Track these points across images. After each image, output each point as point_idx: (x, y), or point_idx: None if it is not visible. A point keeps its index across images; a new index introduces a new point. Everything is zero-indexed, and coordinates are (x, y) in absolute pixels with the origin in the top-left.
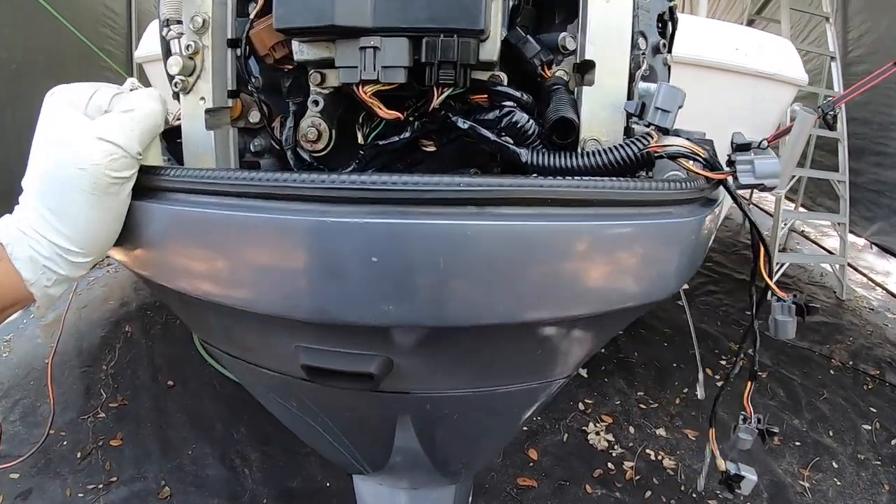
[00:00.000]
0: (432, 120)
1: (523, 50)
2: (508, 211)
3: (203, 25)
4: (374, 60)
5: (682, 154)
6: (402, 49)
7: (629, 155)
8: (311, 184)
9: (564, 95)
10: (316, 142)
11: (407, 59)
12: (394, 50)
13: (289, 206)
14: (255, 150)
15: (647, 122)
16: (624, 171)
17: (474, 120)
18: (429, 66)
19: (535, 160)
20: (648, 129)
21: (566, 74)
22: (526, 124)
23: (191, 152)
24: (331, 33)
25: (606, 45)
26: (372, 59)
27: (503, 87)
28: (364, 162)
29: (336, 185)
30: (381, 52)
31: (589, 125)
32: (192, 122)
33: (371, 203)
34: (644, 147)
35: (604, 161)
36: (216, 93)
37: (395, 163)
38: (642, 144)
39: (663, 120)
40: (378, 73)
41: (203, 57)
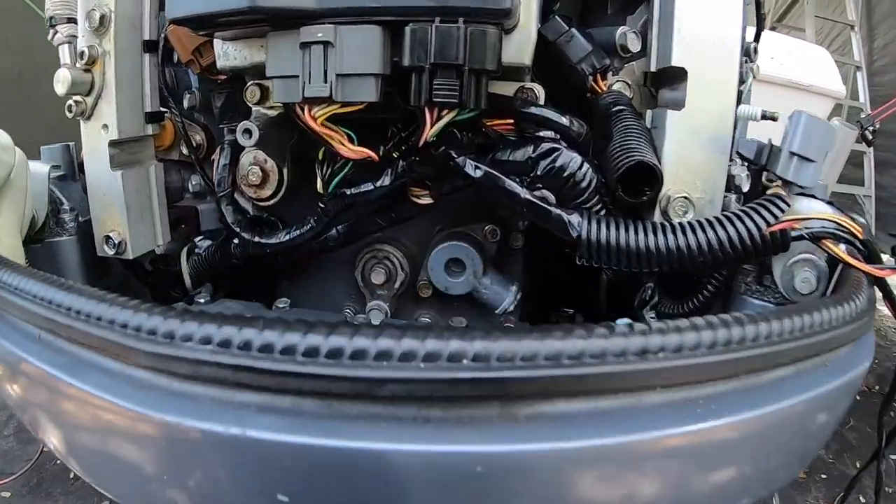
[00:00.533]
0: (425, 160)
1: (566, 50)
2: (578, 410)
3: (102, 24)
4: (323, 65)
5: (833, 234)
6: (372, 44)
7: (752, 233)
8: (140, 336)
9: (633, 123)
10: (260, 186)
11: (379, 60)
12: (358, 46)
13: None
14: (195, 189)
15: (775, 173)
16: (739, 259)
17: (492, 162)
18: (416, 73)
19: (597, 235)
20: (776, 187)
21: (627, 88)
22: (578, 172)
23: (95, 200)
24: (255, 22)
25: (706, 44)
26: (321, 64)
27: (540, 107)
28: (324, 220)
29: (175, 350)
30: (338, 51)
31: (675, 173)
32: (93, 159)
33: (264, 391)
34: (778, 219)
35: (714, 242)
36: (124, 118)
37: (374, 220)
38: (773, 215)
39: (802, 174)
40: (332, 85)
41: (104, 68)
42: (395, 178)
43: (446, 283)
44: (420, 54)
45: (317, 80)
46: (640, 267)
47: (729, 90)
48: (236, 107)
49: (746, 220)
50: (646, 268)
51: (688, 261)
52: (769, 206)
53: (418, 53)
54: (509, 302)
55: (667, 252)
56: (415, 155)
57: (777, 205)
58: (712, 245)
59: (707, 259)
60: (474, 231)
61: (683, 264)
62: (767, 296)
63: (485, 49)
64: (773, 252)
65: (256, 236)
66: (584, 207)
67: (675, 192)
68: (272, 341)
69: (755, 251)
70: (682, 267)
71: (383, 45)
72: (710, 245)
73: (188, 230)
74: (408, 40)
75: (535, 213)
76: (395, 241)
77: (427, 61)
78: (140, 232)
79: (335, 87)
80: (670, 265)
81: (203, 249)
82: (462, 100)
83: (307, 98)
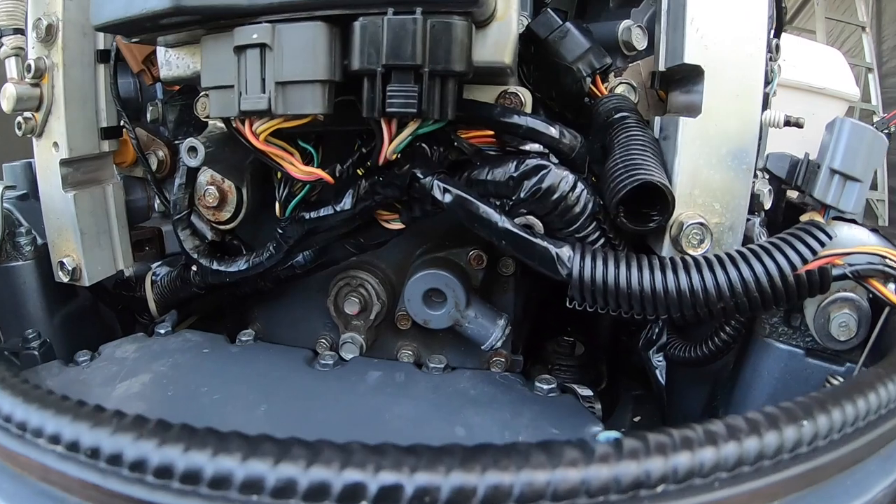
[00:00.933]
0: (389, 181)
1: (559, 48)
2: None
3: (50, 33)
4: (261, 71)
5: (881, 271)
6: (316, 44)
7: (785, 272)
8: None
9: (639, 133)
10: (217, 208)
11: (325, 64)
12: (299, 47)
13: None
14: (162, 209)
15: (811, 196)
16: (766, 305)
17: (468, 182)
18: (367, 79)
19: (592, 273)
20: (811, 212)
21: (632, 92)
22: (570, 194)
23: (49, 223)
24: (185, 25)
25: (726, 38)
26: (258, 70)
27: (524, 115)
28: (283, 247)
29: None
30: (276, 55)
31: (689, 194)
32: (45, 180)
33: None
34: (816, 254)
35: (738, 284)
36: (76, 134)
37: (343, 245)
38: (811, 249)
39: (846, 197)
40: (271, 96)
41: (52, 81)
42: (356, 201)
43: (425, 316)
44: (371, 54)
45: (254, 91)
46: (645, 313)
47: (753, 92)
48: (191, 121)
49: (778, 255)
50: (652, 314)
51: (704, 307)
52: (806, 239)
53: (369, 53)
54: (496, 338)
55: (679, 296)
56: (377, 175)
57: (816, 236)
58: (735, 288)
59: (728, 305)
60: (458, 257)
61: (699, 311)
62: (796, 340)
63: (450, 46)
64: (808, 295)
65: (215, 263)
66: (578, 237)
67: (689, 218)
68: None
69: (787, 295)
70: (697, 314)
71: (330, 44)
72: (733, 288)
73: (152, 253)
74: (357, 38)
75: (516, 246)
76: (370, 266)
77: (379, 63)
78: (97, 257)
79: (275, 97)
80: (682, 312)
81: (160, 277)
82: (422, 109)
83: (243, 112)
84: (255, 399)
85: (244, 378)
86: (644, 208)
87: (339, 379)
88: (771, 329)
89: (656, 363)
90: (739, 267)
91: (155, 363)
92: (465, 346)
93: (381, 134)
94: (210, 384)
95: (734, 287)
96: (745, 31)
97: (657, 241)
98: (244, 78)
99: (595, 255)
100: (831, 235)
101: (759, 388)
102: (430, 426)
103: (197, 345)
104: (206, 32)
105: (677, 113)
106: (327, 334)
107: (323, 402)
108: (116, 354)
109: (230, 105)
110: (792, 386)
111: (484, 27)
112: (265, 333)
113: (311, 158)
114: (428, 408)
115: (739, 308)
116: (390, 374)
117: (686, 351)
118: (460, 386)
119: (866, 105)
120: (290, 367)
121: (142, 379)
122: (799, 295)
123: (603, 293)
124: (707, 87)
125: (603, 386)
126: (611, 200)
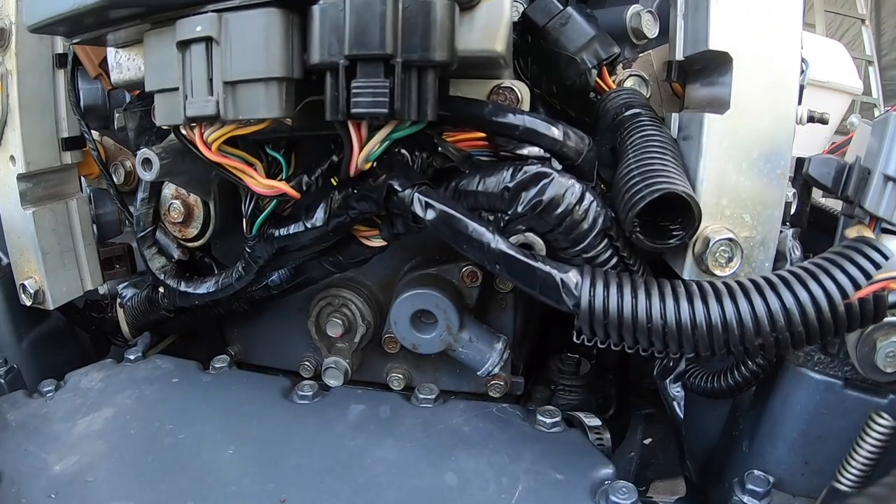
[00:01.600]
0: (364, 193)
1: (560, 36)
2: None
3: (2, 38)
4: (207, 70)
5: None
6: (270, 35)
7: (835, 300)
8: None
9: (654, 133)
10: (184, 224)
11: (280, 58)
12: (250, 40)
13: None
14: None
15: (861, 207)
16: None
17: (455, 193)
18: (330, 73)
19: (604, 303)
20: (859, 225)
21: (643, 85)
22: (576, 207)
23: (11, 243)
24: (123, 21)
25: (758, 19)
26: (204, 69)
27: (521, 114)
28: (253, 267)
29: None
30: (224, 49)
31: (715, 204)
32: (3, 196)
33: None
34: (870, 278)
35: (780, 315)
36: (34, 146)
37: (321, 263)
38: (864, 272)
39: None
40: (219, 98)
41: (6, 89)
42: (329, 216)
43: (414, 340)
44: (332, 44)
45: (200, 93)
46: (667, 350)
47: (789, 84)
48: (153, 128)
49: (825, 280)
50: (676, 351)
51: (739, 344)
52: (858, 261)
53: (330, 43)
54: (493, 363)
55: (709, 330)
56: (351, 187)
57: (870, 257)
58: (777, 321)
59: (768, 340)
60: (450, 273)
61: (734, 348)
62: (834, 369)
63: (428, 31)
64: (859, 325)
65: (183, 284)
66: (586, 258)
67: (716, 232)
68: None
69: (836, 328)
70: (730, 352)
71: (286, 35)
72: (774, 320)
73: (123, 270)
74: (316, 25)
75: (512, 271)
76: (353, 283)
77: (341, 54)
78: (60, 278)
79: (223, 100)
80: (713, 350)
81: (127, 299)
82: (395, 108)
83: (189, 118)
84: (224, 439)
85: (214, 414)
86: (662, 221)
87: (317, 414)
88: (805, 357)
89: (674, 394)
90: (781, 294)
91: (120, 395)
92: (460, 369)
93: (349, 140)
94: (176, 421)
95: (775, 319)
96: (780, 11)
97: (677, 260)
98: (189, 78)
99: (608, 280)
100: (887, 256)
101: (791, 422)
102: (417, 472)
103: (167, 373)
104: (151, 27)
105: (699, 109)
106: (311, 356)
107: (298, 443)
108: (81, 384)
109: (175, 111)
110: (827, 420)
111: (470, 9)
112: (245, 355)
113: (281, 169)
114: (415, 449)
115: (780, 344)
116: (374, 408)
117: (707, 381)
118: (452, 422)
119: (867, 98)
120: (265, 401)
121: (105, 413)
122: (849, 326)
123: (617, 327)
124: (736, 78)
125: (612, 412)
126: (626, 214)
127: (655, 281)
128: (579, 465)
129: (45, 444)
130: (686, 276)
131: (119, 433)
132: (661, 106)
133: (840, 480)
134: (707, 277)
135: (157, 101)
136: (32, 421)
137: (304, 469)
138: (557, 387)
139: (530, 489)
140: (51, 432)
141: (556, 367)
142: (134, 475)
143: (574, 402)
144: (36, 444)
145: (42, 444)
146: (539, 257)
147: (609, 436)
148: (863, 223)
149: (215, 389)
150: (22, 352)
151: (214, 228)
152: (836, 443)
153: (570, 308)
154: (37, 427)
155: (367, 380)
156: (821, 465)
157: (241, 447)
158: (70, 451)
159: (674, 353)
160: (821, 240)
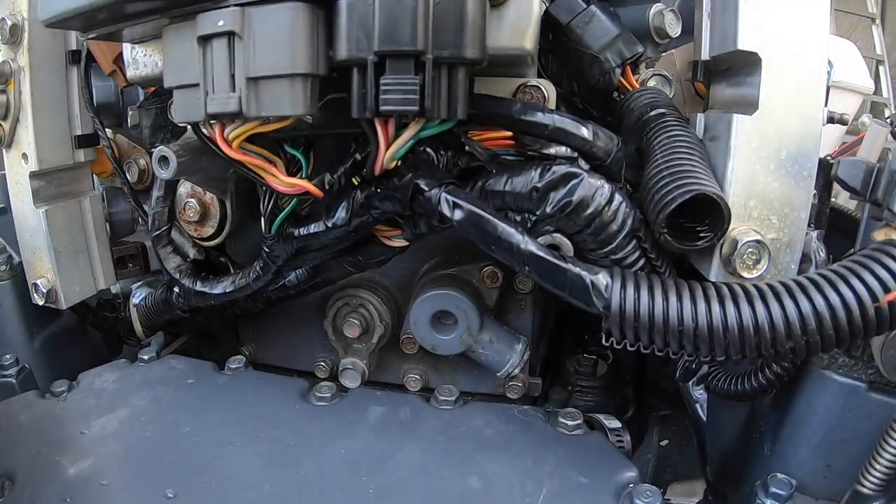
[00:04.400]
0: (388, 192)
1: (583, 35)
2: None
3: (14, 34)
4: (229, 66)
5: None
6: (294, 30)
7: (865, 303)
8: None
9: (681, 133)
10: (200, 223)
11: (305, 54)
12: (274, 35)
13: None
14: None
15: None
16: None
17: (482, 193)
18: (357, 70)
19: (635, 306)
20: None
21: (666, 85)
22: (606, 208)
23: (23, 241)
24: (140, 15)
25: (787, 18)
26: (226, 65)
27: (550, 113)
28: (272, 267)
29: None
30: (247, 45)
31: (743, 206)
32: (16, 195)
33: None
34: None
35: (810, 317)
36: (46, 144)
37: (340, 263)
38: (893, 273)
39: None
40: (241, 95)
41: (19, 86)
42: (351, 216)
43: (433, 341)
44: (360, 40)
45: (221, 89)
46: (698, 353)
47: (817, 85)
48: (169, 125)
49: (855, 282)
50: (707, 355)
51: (770, 347)
52: (888, 263)
53: (358, 39)
54: (513, 364)
55: (741, 333)
56: (374, 186)
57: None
58: (808, 324)
59: (799, 344)
60: (469, 273)
61: (765, 352)
62: (858, 372)
63: (460, 27)
64: (888, 329)
65: (198, 284)
66: (614, 259)
67: (744, 234)
68: None
69: (865, 331)
70: (761, 355)
71: (311, 30)
72: (805, 323)
73: (136, 270)
74: (343, 20)
75: (542, 272)
76: (371, 283)
77: (370, 50)
78: (73, 277)
79: (246, 96)
80: (744, 353)
81: (141, 299)
82: (425, 106)
83: (210, 115)
84: (242, 442)
85: (230, 416)
86: (688, 223)
87: (336, 416)
88: (829, 360)
89: (696, 396)
90: (812, 297)
91: (135, 396)
92: (477, 370)
93: (375, 138)
94: (192, 423)
95: (806, 323)
96: (808, 11)
97: (703, 262)
98: (210, 74)
99: (638, 283)
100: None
101: (814, 425)
102: (440, 475)
103: (181, 374)
104: (170, 22)
105: (725, 109)
106: (326, 356)
107: (318, 446)
108: (95, 385)
109: (196, 107)
110: (851, 423)
111: (499, 6)
112: (259, 356)
113: (300, 167)
114: (437, 453)
115: (810, 347)
116: (394, 410)
117: (731, 384)
118: (474, 424)
119: (878, 98)
120: (282, 403)
121: (119, 415)
122: (878, 330)
123: (648, 329)
124: (765, 79)
125: (630, 414)
126: (655, 216)
127: (686, 283)
128: (603, 469)
129: (58, 446)
130: (713, 278)
131: (134, 435)
132: (684, 106)
133: (863, 483)
134: (734, 279)
135: (176, 97)
136: (45, 422)
137: (325, 473)
138: (575, 388)
139: (555, 492)
140: (64, 434)
141: (574, 367)
142: (150, 479)
143: (592, 404)
144: (49, 446)
145: (56, 446)
146: (569, 259)
147: (629, 438)
148: (891, 226)
149: (231, 391)
150: (34, 351)
151: (231, 227)
152: (859, 446)
153: (599, 310)
154: (50, 428)
155: (383, 381)
156: (843, 469)
157: (260, 450)
158: (84, 454)
159: (704, 356)
160: (838, 241)
